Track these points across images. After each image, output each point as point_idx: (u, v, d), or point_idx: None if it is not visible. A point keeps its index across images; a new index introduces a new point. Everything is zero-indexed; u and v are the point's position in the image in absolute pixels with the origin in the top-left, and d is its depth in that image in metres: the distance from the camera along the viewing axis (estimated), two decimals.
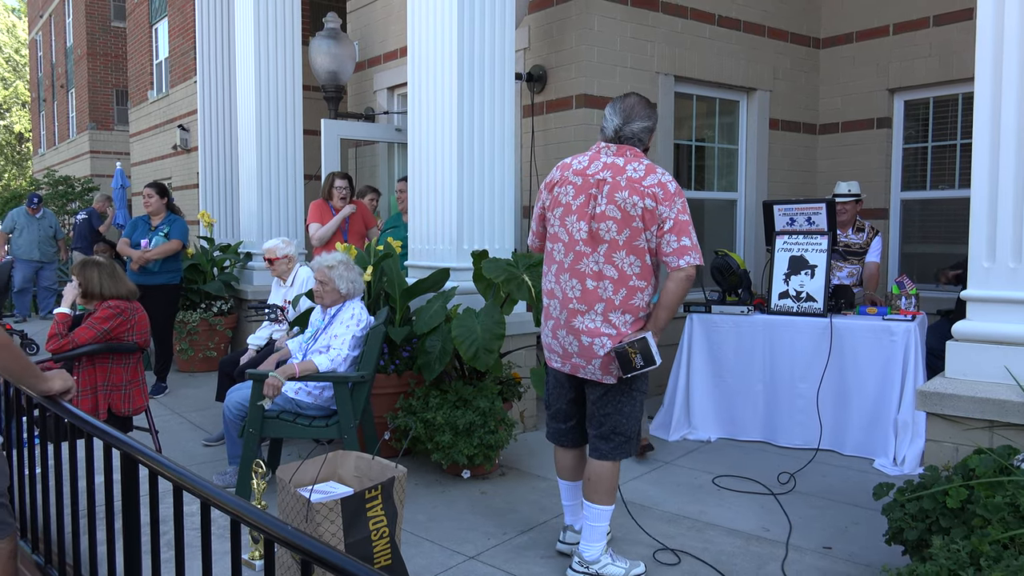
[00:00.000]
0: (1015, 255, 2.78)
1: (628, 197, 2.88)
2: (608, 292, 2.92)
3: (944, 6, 6.53)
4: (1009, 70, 2.76)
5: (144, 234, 6.42)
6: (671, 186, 2.89)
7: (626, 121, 2.99)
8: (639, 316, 2.96)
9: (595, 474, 3.06)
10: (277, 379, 3.71)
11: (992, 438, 2.75)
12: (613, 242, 2.90)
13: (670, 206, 2.86)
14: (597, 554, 3.05)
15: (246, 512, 1.63)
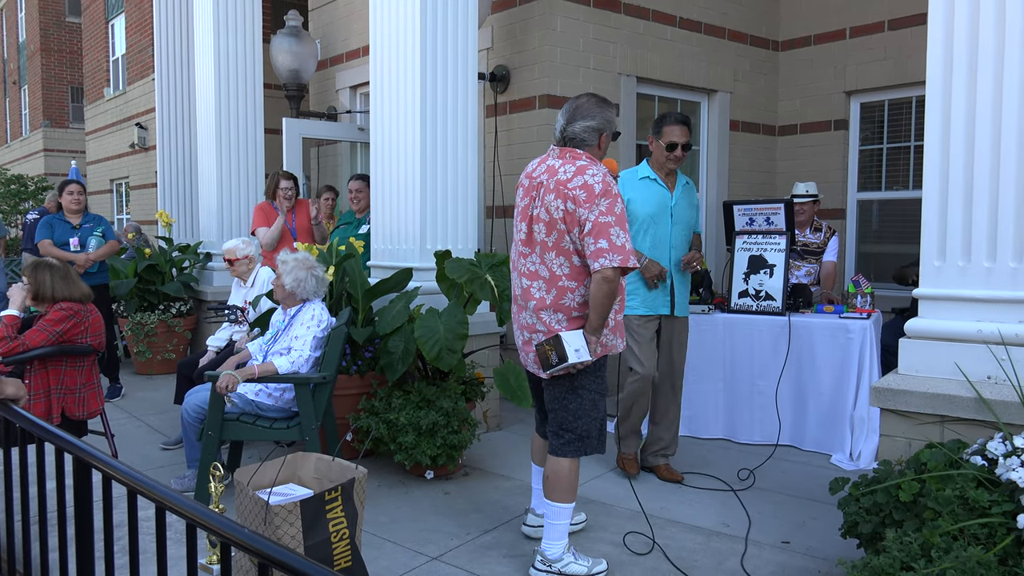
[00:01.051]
0: (964, 254, 2.85)
1: (553, 200, 2.93)
2: (541, 292, 3.01)
3: (898, 11, 6.68)
4: (959, 74, 2.83)
5: (68, 234, 6.24)
6: (597, 187, 2.86)
7: (569, 121, 3.04)
8: (572, 315, 2.99)
9: (551, 470, 3.10)
10: (232, 375, 3.66)
11: (943, 432, 2.82)
12: (543, 243, 2.98)
13: (590, 208, 2.85)
14: (559, 552, 3.07)
15: (202, 516, 1.60)
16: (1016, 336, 2.72)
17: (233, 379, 3.66)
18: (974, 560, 2.21)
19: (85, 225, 6.31)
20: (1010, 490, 2.41)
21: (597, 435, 3.11)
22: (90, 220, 6.37)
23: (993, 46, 2.75)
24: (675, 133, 4.06)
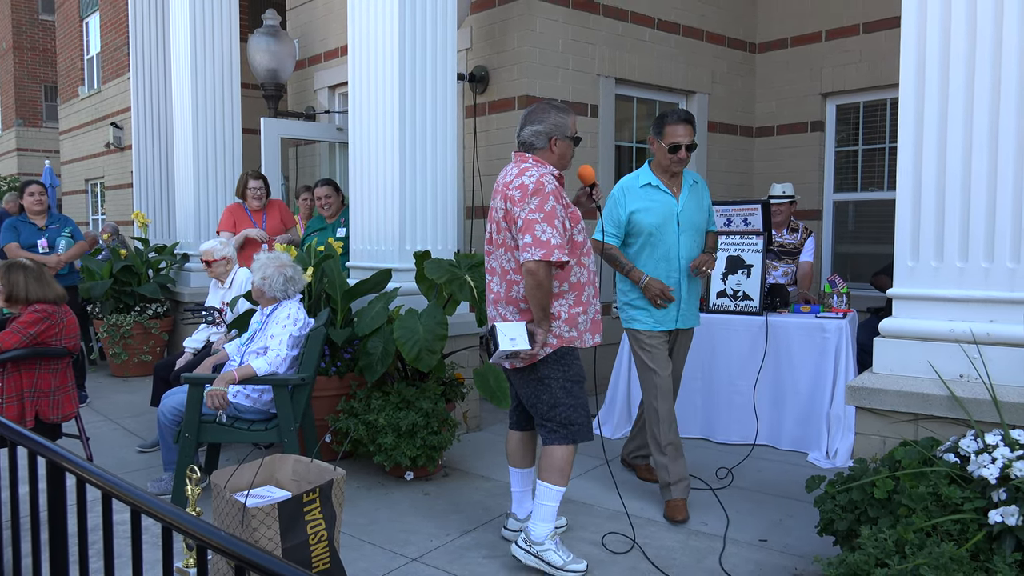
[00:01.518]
0: (937, 255, 2.89)
1: (498, 201, 3.15)
2: (496, 286, 3.23)
3: (873, 14, 6.76)
4: (931, 78, 2.87)
5: (35, 235, 6.16)
6: (530, 186, 3.02)
7: (522, 127, 3.25)
8: (520, 307, 3.15)
9: (545, 453, 3.22)
10: (219, 390, 3.64)
11: (917, 430, 2.85)
12: (494, 241, 3.22)
13: (522, 206, 3.02)
14: (542, 536, 3.14)
15: (177, 518, 1.59)
16: (987, 335, 2.76)
17: (220, 395, 3.65)
18: (947, 556, 2.24)
19: (52, 226, 6.23)
20: (982, 487, 2.45)
21: (580, 422, 3.18)
22: (56, 221, 6.29)
23: (964, 50, 2.80)
24: (678, 133, 3.74)
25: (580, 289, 3.19)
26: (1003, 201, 2.75)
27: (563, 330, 3.16)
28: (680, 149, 3.74)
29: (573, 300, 3.18)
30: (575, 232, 3.15)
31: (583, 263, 3.20)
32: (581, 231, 3.18)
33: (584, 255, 3.21)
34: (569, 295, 3.17)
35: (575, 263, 3.16)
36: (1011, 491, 2.36)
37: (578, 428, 3.18)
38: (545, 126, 3.18)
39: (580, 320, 3.19)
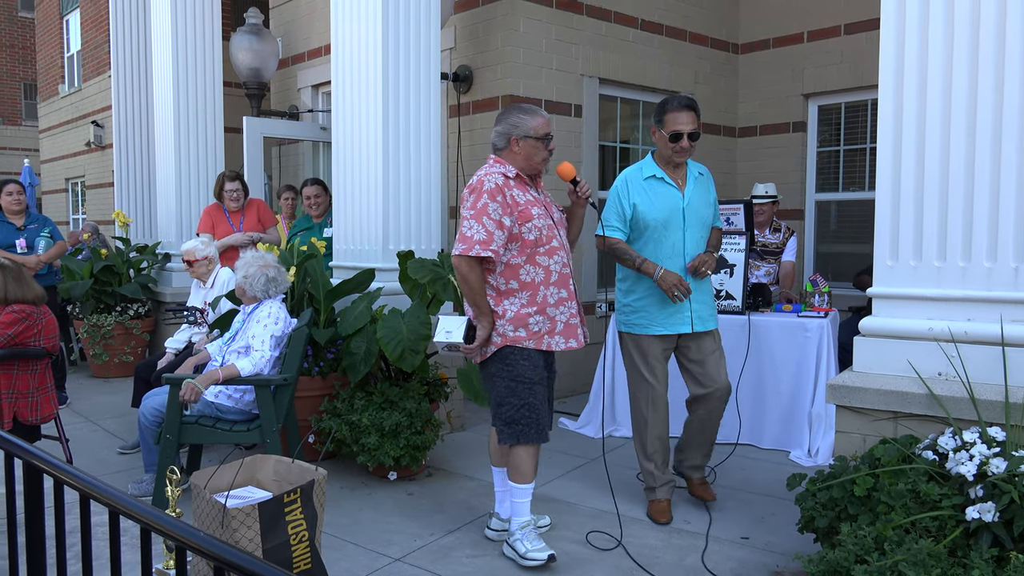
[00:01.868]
0: (916, 254, 2.92)
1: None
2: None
3: (854, 15, 6.81)
4: (909, 78, 2.90)
5: (13, 235, 6.10)
6: (475, 184, 3.15)
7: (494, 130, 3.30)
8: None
9: (508, 454, 3.30)
10: (195, 384, 3.61)
11: (896, 428, 2.88)
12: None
13: (464, 204, 3.16)
14: (515, 528, 3.25)
15: (156, 520, 1.58)
16: (965, 334, 2.79)
17: (196, 389, 3.61)
18: (925, 552, 2.26)
19: (30, 226, 6.17)
20: (959, 484, 2.47)
21: (524, 422, 3.19)
22: (35, 221, 6.23)
23: (942, 52, 2.83)
24: (680, 120, 3.51)
25: (534, 289, 3.17)
26: (980, 201, 2.78)
27: (507, 329, 3.17)
28: (682, 138, 3.52)
29: (526, 300, 3.17)
30: (524, 230, 3.14)
31: (538, 262, 3.17)
32: (532, 229, 3.15)
33: (542, 254, 3.18)
34: (520, 294, 3.18)
35: (524, 261, 3.16)
36: (988, 488, 2.39)
37: (522, 428, 3.19)
38: (504, 127, 3.22)
39: (533, 321, 3.18)
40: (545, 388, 3.29)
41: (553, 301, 3.21)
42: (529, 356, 3.20)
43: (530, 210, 3.17)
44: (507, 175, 3.18)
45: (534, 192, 3.27)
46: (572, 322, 3.28)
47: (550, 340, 3.23)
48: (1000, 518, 2.33)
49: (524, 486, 3.25)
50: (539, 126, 3.21)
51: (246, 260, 4.06)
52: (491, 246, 3.08)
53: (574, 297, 3.30)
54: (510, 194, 3.14)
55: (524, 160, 3.22)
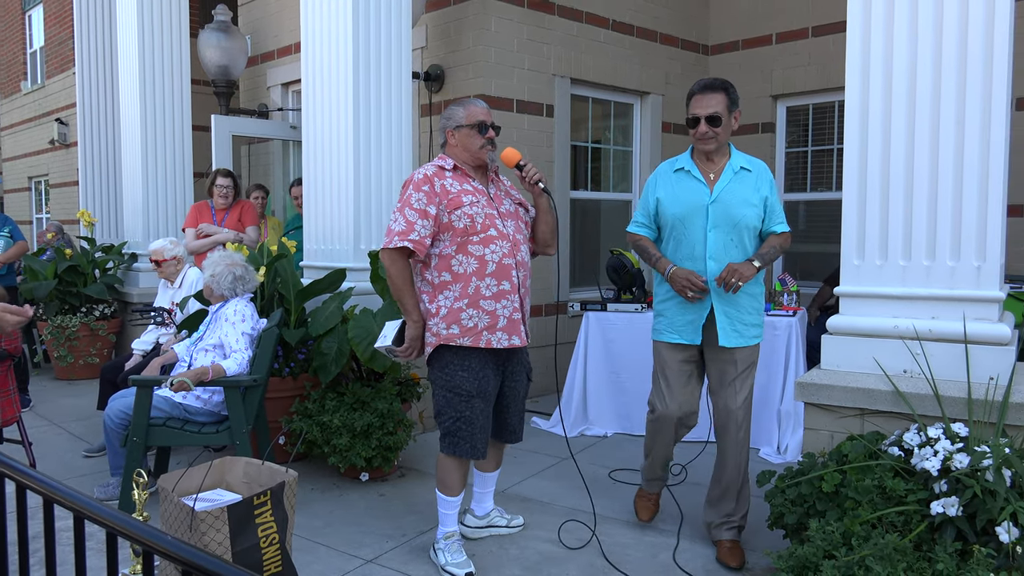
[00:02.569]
0: (881, 253, 2.97)
1: None
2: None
3: (822, 18, 6.90)
4: (875, 81, 2.94)
5: None
6: (407, 179, 3.13)
7: None
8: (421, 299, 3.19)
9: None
10: (185, 381, 3.56)
11: (863, 425, 2.93)
12: None
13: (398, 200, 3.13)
14: (439, 536, 3.25)
15: (122, 524, 1.55)
16: (929, 331, 2.84)
17: (185, 385, 3.57)
18: (891, 547, 2.30)
19: None
20: (924, 479, 2.52)
21: (459, 435, 3.09)
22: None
23: (907, 56, 2.87)
24: (699, 104, 3.14)
25: (466, 280, 3.02)
26: (943, 202, 2.84)
27: (440, 327, 3.04)
28: (699, 123, 3.13)
29: (458, 292, 3.03)
30: (454, 218, 3.02)
31: (471, 252, 3.02)
32: (463, 216, 3.02)
33: (475, 243, 3.02)
34: (453, 287, 3.04)
35: (455, 251, 3.03)
36: (951, 483, 2.43)
37: (456, 441, 3.09)
38: (440, 122, 3.22)
39: (465, 316, 3.02)
40: (484, 401, 3.09)
41: (490, 294, 3.02)
42: (468, 366, 3.04)
43: (461, 197, 3.05)
44: (443, 166, 3.14)
45: (476, 183, 3.15)
46: (515, 317, 3.09)
47: (490, 337, 3.04)
48: (963, 512, 2.37)
49: (448, 498, 3.20)
50: (471, 114, 3.13)
51: (213, 259, 4.02)
52: (410, 236, 2.98)
53: (517, 291, 3.09)
54: (440, 183, 3.06)
55: (463, 151, 3.15)
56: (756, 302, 3.25)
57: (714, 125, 3.12)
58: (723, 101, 3.13)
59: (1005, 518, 2.31)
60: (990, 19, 2.74)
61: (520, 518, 3.62)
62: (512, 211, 3.21)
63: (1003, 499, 2.34)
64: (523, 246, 3.18)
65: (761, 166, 3.24)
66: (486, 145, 3.14)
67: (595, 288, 6.52)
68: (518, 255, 3.12)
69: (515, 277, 3.09)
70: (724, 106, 3.13)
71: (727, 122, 3.16)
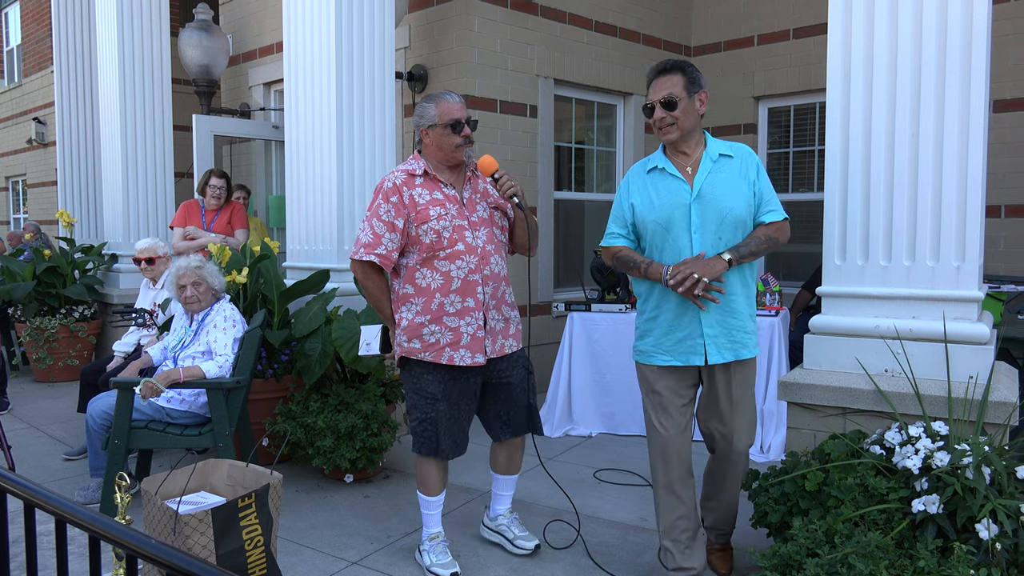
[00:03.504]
0: (863, 253, 3.00)
1: None
2: None
3: (803, 20, 6.96)
4: (856, 83, 2.97)
5: None
6: (378, 184, 3.09)
7: None
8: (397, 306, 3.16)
9: None
10: (154, 383, 3.53)
11: (845, 424, 2.95)
12: None
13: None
14: (424, 538, 3.23)
15: (105, 527, 1.53)
16: (910, 331, 2.87)
17: (154, 387, 3.53)
18: (873, 544, 2.32)
19: None
20: (905, 477, 2.54)
21: (424, 436, 3.09)
22: None
23: (887, 58, 2.90)
24: (653, 90, 2.79)
25: (429, 296, 2.98)
26: (923, 202, 2.87)
27: (402, 340, 3.04)
28: (655, 110, 2.77)
29: (420, 307, 3.00)
30: (420, 232, 2.96)
31: (437, 267, 2.98)
32: (429, 232, 2.95)
33: (442, 259, 2.97)
34: (415, 301, 3.01)
35: (420, 265, 2.99)
36: (932, 481, 2.46)
37: (421, 441, 3.10)
38: (414, 120, 3.10)
39: (427, 332, 2.99)
40: (450, 404, 3.07)
41: (453, 310, 2.98)
42: (434, 370, 3.04)
43: (429, 211, 2.97)
44: (413, 172, 3.04)
45: (449, 189, 3.05)
46: (479, 335, 3.02)
47: (452, 353, 2.99)
48: (944, 510, 2.40)
49: (426, 498, 3.20)
50: (444, 112, 3.00)
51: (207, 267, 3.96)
52: (376, 250, 2.97)
53: (482, 308, 3.02)
54: (409, 193, 2.99)
55: (437, 151, 3.05)
56: (750, 307, 2.86)
57: (670, 109, 2.73)
58: (679, 82, 2.74)
59: (985, 515, 2.34)
60: (968, 24, 2.77)
61: (534, 542, 3.32)
62: (486, 218, 3.12)
63: (983, 496, 2.37)
64: (493, 257, 3.08)
65: (744, 150, 2.83)
66: (462, 144, 3.03)
67: (579, 288, 6.53)
68: (485, 269, 3.04)
69: (481, 294, 3.02)
70: (681, 87, 2.74)
71: (688, 105, 2.75)
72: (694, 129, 2.81)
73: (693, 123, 2.79)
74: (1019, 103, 5.89)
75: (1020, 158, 5.81)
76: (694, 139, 2.83)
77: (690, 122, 2.77)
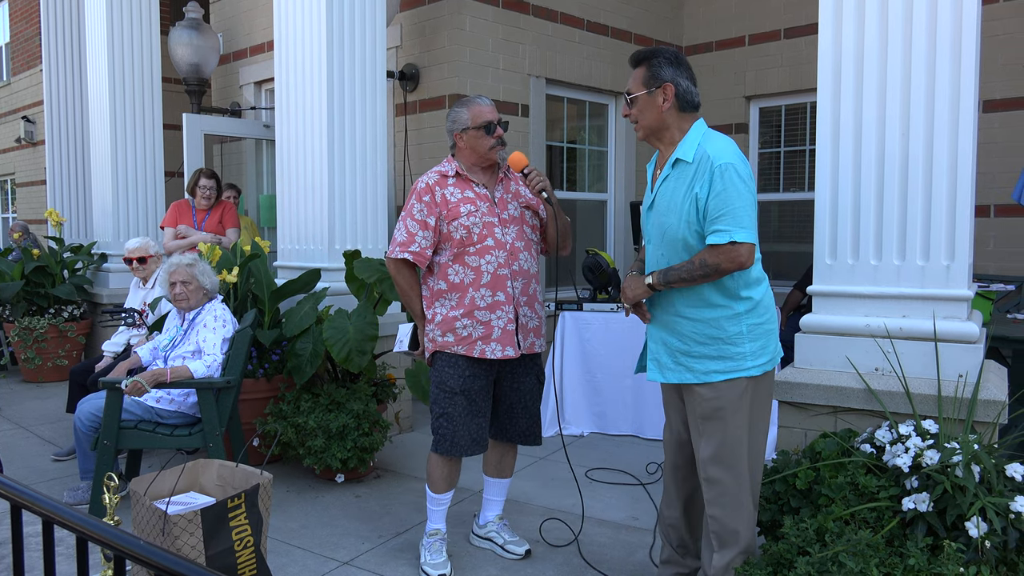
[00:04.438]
0: (853, 253, 3.00)
1: None
2: None
3: (794, 20, 6.98)
4: (847, 83, 2.98)
5: None
6: (413, 186, 3.14)
7: None
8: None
9: None
10: (140, 382, 3.50)
11: (836, 423, 2.96)
12: None
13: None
14: (426, 532, 3.26)
15: (93, 528, 1.52)
16: (900, 330, 2.88)
17: (140, 386, 3.50)
18: (863, 543, 2.33)
19: None
20: (896, 475, 2.55)
21: (442, 433, 3.11)
22: None
23: (877, 58, 2.91)
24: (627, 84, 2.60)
25: (462, 291, 3.05)
26: (913, 202, 2.88)
27: (435, 334, 3.09)
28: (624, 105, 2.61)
29: (455, 302, 3.06)
30: (452, 229, 3.03)
31: (467, 263, 3.04)
32: (459, 228, 3.02)
33: (472, 254, 3.03)
34: (450, 296, 3.07)
35: (452, 261, 3.05)
36: (922, 479, 2.47)
37: (439, 439, 3.12)
38: (448, 125, 3.17)
39: (460, 325, 3.04)
40: (468, 400, 3.07)
41: (485, 304, 3.04)
42: (456, 364, 3.07)
43: (459, 208, 3.04)
44: (445, 173, 3.12)
45: (480, 188, 3.12)
46: (509, 328, 3.08)
47: (484, 347, 3.05)
48: (934, 508, 2.41)
49: (432, 494, 3.21)
50: (476, 115, 3.08)
51: (198, 265, 3.94)
52: (411, 247, 3.05)
53: (512, 302, 3.08)
54: (441, 192, 3.06)
55: (472, 153, 3.12)
56: (710, 329, 2.47)
57: (629, 106, 2.56)
58: (639, 76, 2.52)
59: (974, 513, 2.35)
60: (957, 26, 2.78)
61: (524, 547, 3.32)
62: (516, 216, 3.17)
63: (972, 494, 2.38)
64: (523, 254, 3.13)
65: (707, 156, 2.42)
66: (496, 145, 3.11)
67: (571, 288, 6.53)
68: (515, 264, 3.10)
69: (510, 288, 3.08)
70: (640, 82, 2.52)
71: (648, 101, 2.51)
72: (660, 126, 2.53)
73: (653, 120, 2.52)
74: (1009, 103, 5.93)
75: (1010, 158, 5.84)
76: (667, 136, 2.55)
77: (649, 119, 2.53)
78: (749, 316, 2.49)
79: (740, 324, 2.48)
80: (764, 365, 2.52)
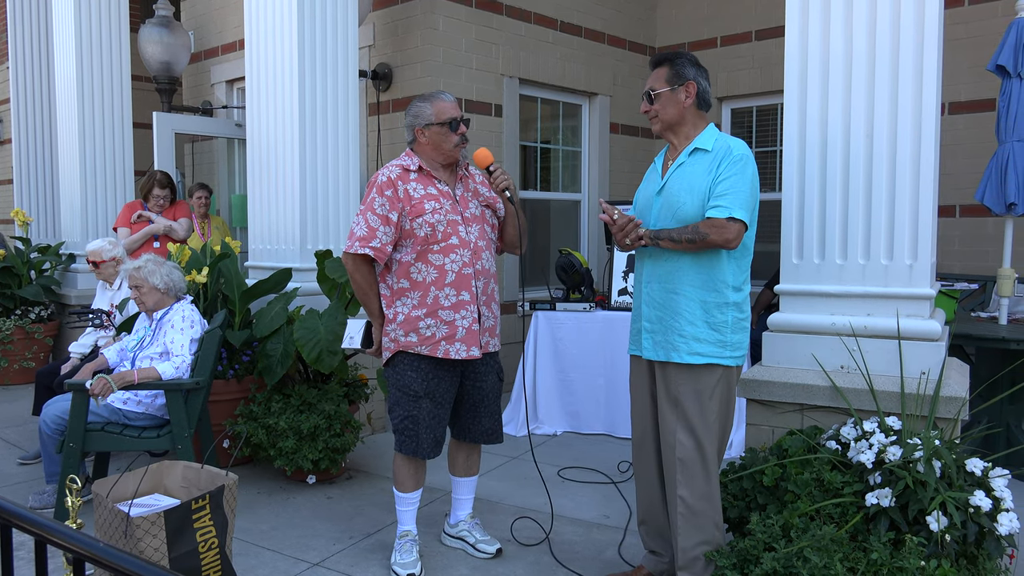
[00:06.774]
0: (820, 253, 3.05)
1: None
2: None
3: (764, 22, 7.05)
4: (812, 85, 3.02)
5: None
6: (371, 179, 3.09)
7: None
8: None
9: None
10: (108, 380, 3.46)
11: (802, 420, 3.00)
12: None
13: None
14: (397, 533, 3.25)
15: (51, 531, 1.50)
16: (865, 328, 2.92)
17: (108, 385, 3.45)
18: (828, 538, 2.36)
19: None
20: (860, 471, 2.59)
21: (406, 433, 3.08)
22: None
23: (842, 61, 2.96)
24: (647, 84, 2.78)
25: (424, 290, 3.00)
26: (877, 202, 2.92)
27: (397, 334, 3.04)
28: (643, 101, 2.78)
29: (417, 301, 3.01)
30: (415, 226, 2.98)
31: (431, 261, 2.99)
32: (424, 225, 2.98)
33: (436, 252, 2.99)
34: (412, 294, 3.03)
35: (415, 259, 3.01)
36: (885, 475, 2.51)
37: (403, 440, 3.09)
38: (408, 119, 3.12)
39: (423, 325, 3.00)
40: (433, 402, 3.07)
41: (449, 304, 3.00)
42: (418, 367, 3.04)
43: (423, 204, 3.00)
44: (407, 167, 3.06)
45: (442, 185, 3.08)
46: (473, 328, 3.05)
47: (448, 347, 3.01)
48: (896, 503, 2.45)
49: (400, 494, 3.20)
50: (440, 111, 3.04)
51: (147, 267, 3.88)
52: (371, 243, 2.97)
53: (476, 301, 3.06)
54: (404, 188, 3.01)
55: (433, 150, 3.07)
56: (704, 313, 2.63)
57: (651, 102, 2.75)
58: (662, 75, 2.72)
59: (935, 508, 2.39)
60: (920, 27, 2.83)
61: (495, 545, 3.32)
62: (478, 215, 3.15)
63: (933, 489, 2.42)
64: (485, 252, 3.13)
65: (727, 147, 2.63)
66: (460, 143, 3.08)
67: (544, 287, 6.55)
68: (478, 264, 3.08)
69: (474, 287, 3.06)
70: (663, 80, 2.72)
71: (670, 97, 2.71)
72: (678, 121, 2.73)
73: (674, 115, 2.72)
74: (973, 105, 6.03)
75: (975, 159, 5.94)
76: (683, 131, 2.75)
77: (670, 115, 2.72)
78: (736, 309, 2.68)
79: (728, 314, 2.66)
80: (739, 359, 2.71)
